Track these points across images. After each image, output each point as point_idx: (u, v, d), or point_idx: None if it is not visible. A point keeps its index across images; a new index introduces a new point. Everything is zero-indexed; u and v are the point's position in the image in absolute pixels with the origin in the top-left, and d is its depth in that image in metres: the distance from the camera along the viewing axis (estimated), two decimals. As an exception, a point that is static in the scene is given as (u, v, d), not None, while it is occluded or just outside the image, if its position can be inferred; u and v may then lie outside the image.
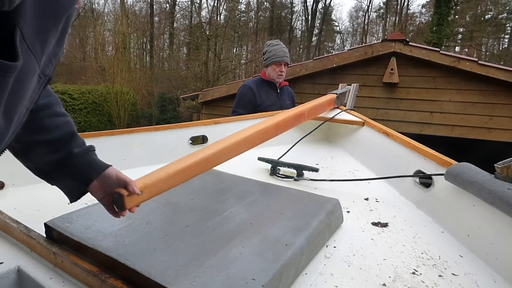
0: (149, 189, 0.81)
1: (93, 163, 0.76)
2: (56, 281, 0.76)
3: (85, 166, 0.75)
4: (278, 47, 2.63)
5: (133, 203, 0.76)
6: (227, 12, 20.86)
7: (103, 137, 1.48)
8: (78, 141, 0.76)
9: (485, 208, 1.01)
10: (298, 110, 1.67)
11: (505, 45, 23.67)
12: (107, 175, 0.76)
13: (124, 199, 0.74)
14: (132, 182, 0.75)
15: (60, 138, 0.73)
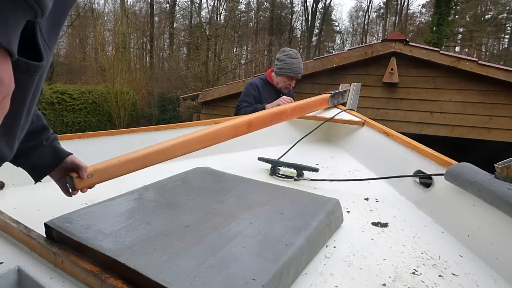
0: (98, 173, 0.95)
1: (58, 151, 0.86)
2: (56, 281, 0.76)
3: (51, 154, 0.84)
4: (296, 61, 2.55)
5: (83, 184, 0.90)
6: (227, 12, 20.87)
7: (103, 137, 1.48)
8: (48, 133, 0.83)
9: (485, 208, 1.01)
10: (278, 109, 1.67)
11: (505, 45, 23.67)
12: (65, 161, 0.87)
13: (73, 181, 0.88)
14: (83, 167, 0.90)
15: (34, 131, 0.79)
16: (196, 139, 1.28)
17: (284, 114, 1.72)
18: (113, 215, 0.91)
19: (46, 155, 0.83)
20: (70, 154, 0.89)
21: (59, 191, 1.13)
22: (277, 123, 1.73)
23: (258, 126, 1.58)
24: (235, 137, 1.45)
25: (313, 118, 2.12)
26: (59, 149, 0.87)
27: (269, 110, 1.65)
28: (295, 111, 1.81)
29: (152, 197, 1.06)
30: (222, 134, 1.38)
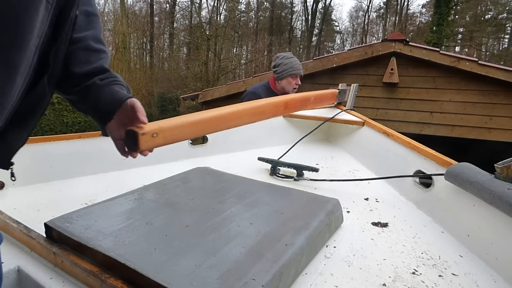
0: (164, 132, 0.75)
1: (115, 93, 0.74)
2: (56, 281, 0.76)
3: (108, 96, 0.74)
4: (294, 59, 2.57)
5: (146, 145, 0.71)
6: (227, 12, 20.88)
7: (103, 137, 1.47)
8: (106, 75, 0.76)
9: (485, 208, 1.01)
10: (305, 95, 1.66)
11: (505, 45, 23.68)
12: (124, 105, 0.73)
13: (138, 138, 0.68)
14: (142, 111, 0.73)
15: (89, 72, 0.74)
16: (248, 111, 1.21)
17: (309, 101, 1.72)
18: (113, 215, 0.91)
19: (103, 96, 0.73)
20: (130, 97, 0.75)
21: (59, 191, 1.14)
22: (303, 109, 1.74)
23: (292, 109, 1.56)
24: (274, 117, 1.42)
25: (313, 118, 2.12)
26: (117, 91, 0.76)
27: (299, 95, 1.62)
28: (316, 100, 1.82)
29: (152, 197, 1.06)
30: (266, 110, 1.33)
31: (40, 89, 0.63)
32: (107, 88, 0.75)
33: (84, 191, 1.27)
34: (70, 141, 1.39)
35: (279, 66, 2.57)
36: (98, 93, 0.74)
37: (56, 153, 1.35)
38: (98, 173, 1.44)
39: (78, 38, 0.73)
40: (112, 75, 0.78)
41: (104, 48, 0.79)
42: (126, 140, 0.72)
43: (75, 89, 0.75)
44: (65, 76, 0.73)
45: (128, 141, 0.71)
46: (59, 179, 1.33)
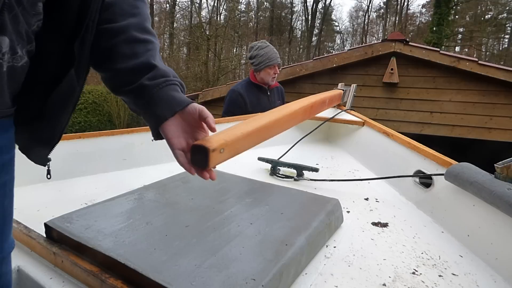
0: (229, 147, 0.70)
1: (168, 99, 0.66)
2: (56, 281, 0.76)
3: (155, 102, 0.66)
4: (268, 49, 2.52)
5: (215, 162, 0.66)
6: (227, 12, 20.88)
7: (103, 137, 1.48)
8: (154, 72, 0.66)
9: (485, 208, 1.01)
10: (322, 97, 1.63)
11: (505, 45, 23.68)
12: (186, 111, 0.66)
13: (209, 155, 0.63)
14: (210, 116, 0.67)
15: (135, 68, 0.66)
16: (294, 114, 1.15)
17: (324, 104, 1.72)
18: (113, 215, 0.91)
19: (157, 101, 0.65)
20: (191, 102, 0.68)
21: (59, 191, 1.13)
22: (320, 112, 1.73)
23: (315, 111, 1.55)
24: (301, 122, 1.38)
25: (313, 118, 2.12)
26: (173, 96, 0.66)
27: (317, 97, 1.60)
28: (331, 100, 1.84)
29: (152, 197, 1.06)
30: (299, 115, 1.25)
31: (67, 83, 0.60)
32: (161, 91, 0.66)
33: (84, 191, 1.27)
34: (70, 141, 1.39)
35: (255, 57, 2.52)
36: (150, 97, 0.66)
37: (56, 153, 1.34)
38: (98, 173, 1.44)
39: (120, 28, 0.65)
40: (163, 72, 0.68)
41: (152, 37, 0.70)
42: (192, 155, 0.67)
43: (124, 88, 0.67)
44: (111, 74, 0.68)
45: (195, 157, 0.66)
46: (59, 179, 1.33)
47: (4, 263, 0.60)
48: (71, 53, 0.58)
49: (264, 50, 2.51)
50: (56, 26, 0.58)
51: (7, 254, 0.61)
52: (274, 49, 2.56)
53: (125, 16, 0.66)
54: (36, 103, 0.60)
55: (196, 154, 0.65)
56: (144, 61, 0.66)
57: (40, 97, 0.59)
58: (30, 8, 0.52)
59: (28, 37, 0.54)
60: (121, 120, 11.91)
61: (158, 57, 0.69)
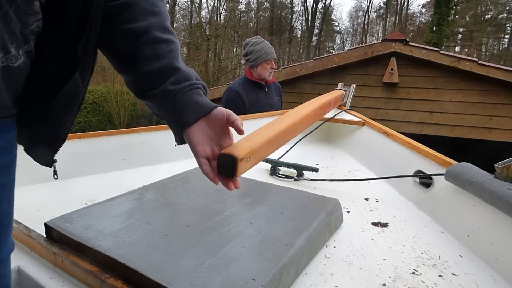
0: (255, 155, 0.70)
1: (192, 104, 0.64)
2: (56, 281, 0.76)
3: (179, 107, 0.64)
4: (264, 44, 2.53)
5: (242, 171, 0.65)
6: (227, 12, 20.89)
7: (103, 137, 1.48)
8: (178, 76, 0.65)
9: (485, 208, 1.01)
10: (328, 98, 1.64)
11: (505, 45, 23.68)
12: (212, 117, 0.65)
13: (237, 165, 0.62)
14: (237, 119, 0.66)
15: (159, 71, 0.64)
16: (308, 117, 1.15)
17: (330, 105, 1.74)
18: (113, 215, 0.91)
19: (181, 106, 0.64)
20: (216, 107, 0.66)
21: (59, 191, 1.14)
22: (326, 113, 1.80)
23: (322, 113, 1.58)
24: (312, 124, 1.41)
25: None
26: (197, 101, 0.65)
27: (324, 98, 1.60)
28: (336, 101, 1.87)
29: (152, 197, 1.06)
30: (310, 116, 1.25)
31: (72, 85, 0.59)
32: (185, 96, 0.65)
33: (84, 191, 1.27)
34: (70, 141, 1.39)
35: (251, 53, 2.52)
36: (174, 103, 0.64)
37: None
38: (98, 173, 1.44)
39: (142, 28, 0.64)
40: (187, 75, 0.67)
41: (173, 37, 0.68)
42: (219, 164, 0.66)
43: (147, 93, 0.66)
44: (135, 78, 0.66)
45: (222, 166, 0.65)
46: (59, 179, 1.33)
47: (3, 265, 0.59)
48: (75, 55, 0.57)
49: (259, 45, 2.51)
50: (58, 28, 0.57)
51: (6, 256, 0.60)
52: (269, 44, 2.57)
53: (146, 15, 0.64)
54: (40, 105, 0.59)
55: (223, 163, 0.64)
56: (168, 63, 0.65)
57: (44, 99, 0.59)
58: (25, 7, 0.51)
59: (24, 37, 0.53)
60: (121, 120, 11.91)
61: (180, 58, 0.68)
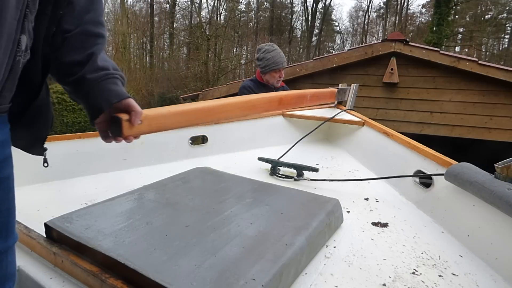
0: (149, 120, 0.82)
1: (106, 93, 0.72)
2: (56, 281, 0.76)
3: (94, 94, 0.71)
4: (275, 53, 2.57)
5: (131, 131, 0.76)
6: (227, 12, 20.87)
7: (103, 137, 1.48)
8: (96, 65, 0.71)
9: (485, 208, 1.01)
10: (301, 92, 1.69)
11: (505, 45, 23.67)
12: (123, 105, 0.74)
13: (122, 124, 0.73)
14: (138, 111, 0.75)
15: (81, 61, 0.70)
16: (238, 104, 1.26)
17: (305, 98, 1.74)
18: (113, 215, 0.91)
19: (96, 94, 0.71)
20: (127, 97, 0.75)
21: (59, 191, 1.14)
22: (299, 106, 1.79)
23: (287, 105, 1.60)
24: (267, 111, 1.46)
25: (313, 118, 2.13)
26: (111, 89, 0.73)
27: (294, 92, 1.66)
28: (313, 98, 1.85)
29: (152, 197, 1.06)
30: (258, 105, 1.37)
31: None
32: (100, 84, 0.72)
33: (84, 191, 1.27)
34: (70, 141, 1.39)
35: (261, 60, 2.60)
36: (90, 90, 0.71)
37: (56, 153, 1.34)
38: (98, 173, 1.44)
39: (78, 21, 0.70)
40: (103, 65, 0.73)
41: (103, 32, 0.75)
42: (111, 126, 0.75)
43: (68, 79, 0.72)
44: (57, 64, 0.71)
45: (113, 128, 0.75)
46: (59, 179, 1.33)
47: (10, 253, 0.64)
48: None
49: (270, 54, 2.56)
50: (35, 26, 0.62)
51: (12, 244, 0.64)
52: (280, 53, 2.61)
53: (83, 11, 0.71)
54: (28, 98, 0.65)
55: (113, 125, 0.75)
56: (89, 54, 0.71)
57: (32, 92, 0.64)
58: (33, 6, 0.57)
59: (30, 33, 0.58)
60: (121, 120, 11.89)
61: (104, 50, 0.76)
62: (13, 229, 0.64)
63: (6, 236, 0.62)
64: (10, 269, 0.64)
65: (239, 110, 1.26)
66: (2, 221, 0.61)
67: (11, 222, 0.63)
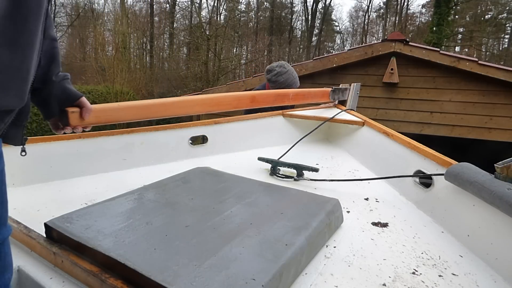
0: (96, 113, 0.95)
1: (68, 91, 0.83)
2: (56, 281, 0.76)
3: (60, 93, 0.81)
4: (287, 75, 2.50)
5: (77, 122, 0.88)
6: (227, 12, 20.88)
7: (103, 137, 1.48)
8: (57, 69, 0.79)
9: (485, 208, 1.01)
10: (281, 91, 1.71)
11: (505, 45, 23.66)
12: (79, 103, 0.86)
13: (68, 115, 0.84)
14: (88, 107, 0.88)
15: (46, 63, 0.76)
16: (198, 101, 1.33)
17: (287, 97, 1.74)
18: (113, 215, 0.91)
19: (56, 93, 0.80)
20: (81, 96, 0.87)
21: (59, 191, 1.14)
22: (279, 103, 1.80)
23: (261, 103, 1.62)
24: (237, 109, 1.52)
25: (313, 118, 2.13)
26: (69, 88, 0.83)
27: (272, 90, 1.67)
28: (297, 97, 1.85)
29: (152, 197, 1.06)
30: (224, 102, 1.42)
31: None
32: (61, 85, 0.81)
33: (84, 191, 1.27)
34: (70, 141, 1.39)
35: (274, 83, 2.51)
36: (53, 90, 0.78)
37: (56, 153, 1.35)
38: (98, 173, 1.44)
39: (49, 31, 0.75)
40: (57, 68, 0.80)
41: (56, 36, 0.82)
42: (61, 118, 0.86)
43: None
44: None
45: (62, 119, 0.86)
46: (59, 179, 1.33)
47: (5, 244, 0.68)
48: None
49: (282, 77, 2.48)
50: None
51: (7, 236, 0.68)
52: (293, 74, 2.54)
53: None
54: None
55: (62, 117, 0.85)
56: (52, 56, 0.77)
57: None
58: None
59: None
60: (121, 120, 11.89)
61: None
62: (5, 221, 0.69)
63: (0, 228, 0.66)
64: (8, 260, 0.68)
65: (199, 106, 1.32)
66: None
67: (3, 215, 0.68)
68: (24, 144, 0.78)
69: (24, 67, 0.57)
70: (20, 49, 0.56)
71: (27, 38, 0.57)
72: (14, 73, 0.56)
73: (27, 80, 0.60)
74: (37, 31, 0.59)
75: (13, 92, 0.57)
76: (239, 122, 1.94)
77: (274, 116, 2.13)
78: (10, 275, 0.69)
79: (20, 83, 0.58)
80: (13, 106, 0.59)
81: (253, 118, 2.01)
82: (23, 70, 0.57)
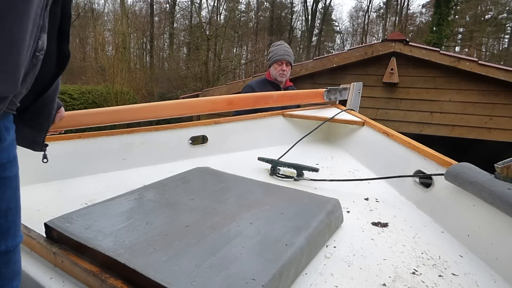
0: (68, 118, 1.10)
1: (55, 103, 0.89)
2: (56, 281, 0.76)
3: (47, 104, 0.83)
4: (280, 46, 2.70)
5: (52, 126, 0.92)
6: (227, 12, 20.89)
7: (103, 137, 1.48)
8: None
9: (485, 208, 1.01)
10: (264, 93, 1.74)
11: (505, 45, 23.68)
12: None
13: None
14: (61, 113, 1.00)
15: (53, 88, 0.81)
16: (170, 106, 1.39)
17: (271, 99, 1.76)
18: (113, 215, 0.91)
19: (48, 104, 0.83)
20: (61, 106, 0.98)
21: (59, 191, 1.14)
22: (261, 106, 1.84)
23: (240, 105, 1.66)
24: (214, 111, 1.58)
25: (313, 118, 2.12)
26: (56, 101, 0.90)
27: (253, 94, 1.71)
28: (283, 98, 1.86)
29: (152, 197, 1.06)
30: (198, 106, 1.48)
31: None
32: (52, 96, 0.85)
33: (84, 191, 1.27)
34: (70, 141, 1.39)
35: (268, 54, 2.79)
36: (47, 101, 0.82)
37: (56, 153, 1.34)
38: (98, 173, 1.43)
39: None
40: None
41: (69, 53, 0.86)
42: None
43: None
44: None
45: None
46: (59, 179, 1.33)
47: (18, 250, 0.66)
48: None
49: (275, 48, 2.71)
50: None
51: (20, 242, 0.66)
52: (286, 48, 2.71)
53: None
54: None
55: None
56: None
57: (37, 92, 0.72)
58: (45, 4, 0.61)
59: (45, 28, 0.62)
60: (121, 120, 11.90)
61: None
62: (19, 227, 0.66)
63: (14, 234, 0.64)
64: (18, 266, 0.66)
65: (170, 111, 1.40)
66: (12, 219, 0.62)
67: (18, 220, 0.65)
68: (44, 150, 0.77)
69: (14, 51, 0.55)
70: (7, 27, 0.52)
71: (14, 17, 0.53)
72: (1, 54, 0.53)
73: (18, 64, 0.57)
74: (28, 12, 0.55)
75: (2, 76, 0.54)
76: (239, 122, 1.94)
77: (274, 116, 2.13)
78: (19, 282, 0.68)
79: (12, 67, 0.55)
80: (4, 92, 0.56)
81: (253, 118, 2.01)
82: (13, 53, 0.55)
